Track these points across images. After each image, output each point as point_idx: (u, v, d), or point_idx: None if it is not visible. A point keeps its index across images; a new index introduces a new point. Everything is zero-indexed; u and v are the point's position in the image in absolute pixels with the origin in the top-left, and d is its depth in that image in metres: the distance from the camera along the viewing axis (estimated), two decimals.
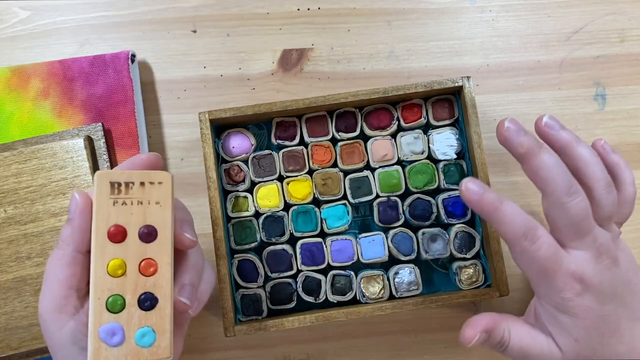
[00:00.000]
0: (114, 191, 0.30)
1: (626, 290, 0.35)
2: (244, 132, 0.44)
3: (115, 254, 0.30)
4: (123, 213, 0.30)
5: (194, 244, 0.32)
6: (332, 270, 0.43)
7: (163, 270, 0.30)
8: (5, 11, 0.49)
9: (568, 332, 0.34)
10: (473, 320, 0.36)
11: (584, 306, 0.34)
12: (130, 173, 0.30)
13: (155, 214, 0.30)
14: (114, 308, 0.30)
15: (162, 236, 0.30)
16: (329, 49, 0.49)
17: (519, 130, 0.33)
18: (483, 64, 0.49)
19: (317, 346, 0.46)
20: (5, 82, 0.46)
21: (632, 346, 0.34)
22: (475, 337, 0.35)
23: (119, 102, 0.46)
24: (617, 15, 0.50)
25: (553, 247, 0.34)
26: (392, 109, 0.44)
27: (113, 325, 0.29)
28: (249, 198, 0.43)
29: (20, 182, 0.44)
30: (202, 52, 0.49)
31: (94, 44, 0.49)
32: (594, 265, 0.34)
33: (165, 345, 0.30)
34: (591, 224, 0.34)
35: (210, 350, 0.46)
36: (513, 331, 0.36)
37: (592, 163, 0.34)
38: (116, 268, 0.30)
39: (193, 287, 0.32)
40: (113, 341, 0.29)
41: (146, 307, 0.30)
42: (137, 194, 0.30)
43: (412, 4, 0.50)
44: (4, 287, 0.43)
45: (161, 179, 0.31)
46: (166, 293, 0.30)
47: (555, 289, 0.34)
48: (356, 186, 0.43)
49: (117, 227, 0.30)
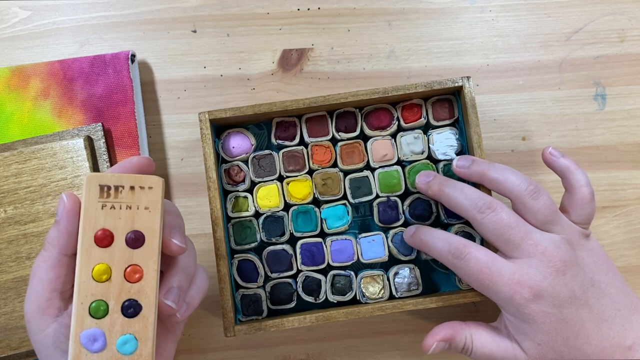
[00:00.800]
0: (103, 194, 0.30)
1: (589, 291, 0.36)
2: (244, 132, 0.44)
3: (101, 258, 0.29)
4: (111, 217, 0.30)
5: (182, 250, 0.32)
6: (332, 270, 0.43)
7: (148, 277, 0.30)
8: (5, 11, 0.49)
9: (530, 338, 0.36)
10: (434, 330, 0.39)
11: (540, 312, 0.35)
12: (120, 177, 0.30)
13: (144, 219, 0.30)
14: (96, 313, 0.29)
15: (150, 242, 0.30)
16: (329, 49, 0.49)
17: (426, 178, 0.40)
18: (483, 64, 0.49)
19: (317, 346, 0.46)
20: (5, 82, 0.46)
21: (600, 347, 0.35)
22: (432, 346, 0.38)
23: (119, 102, 0.46)
24: (617, 15, 0.50)
25: (486, 260, 0.36)
26: (392, 109, 0.44)
27: (95, 331, 0.29)
28: (249, 198, 0.43)
29: (20, 182, 0.44)
30: (202, 52, 0.49)
31: (94, 44, 0.49)
32: (542, 270, 0.35)
33: (147, 354, 0.29)
34: (521, 232, 0.36)
35: (210, 350, 0.46)
36: (475, 338, 0.38)
37: (505, 180, 0.38)
38: (101, 273, 0.29)
39: (180, 290, 0.32)
40: (94, 347, 0.29)
41: (129, 314, 0.29)
42: (126, 198, 0.30)
43: (412, 4, 0.50)
44: (4, 287, 0.43)
45: (152, 184, 0.30)
46: (150, 300, 0.30)
47: (505, 298, 0.35)
48: (356, 186, 0.43)
49: (104, 231, 0.29)
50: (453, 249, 0.37)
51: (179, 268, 0.32)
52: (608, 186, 0.48)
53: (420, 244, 0.40)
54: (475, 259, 0.36)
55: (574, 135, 0.48)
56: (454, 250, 0.37)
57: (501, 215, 0.36)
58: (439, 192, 0.39)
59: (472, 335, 0.38)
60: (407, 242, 0.41)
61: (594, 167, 0.48)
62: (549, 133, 0.48)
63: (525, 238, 0.36)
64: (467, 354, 0.38)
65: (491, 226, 0.36)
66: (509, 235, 0.36)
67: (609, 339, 0.35)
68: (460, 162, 0.40)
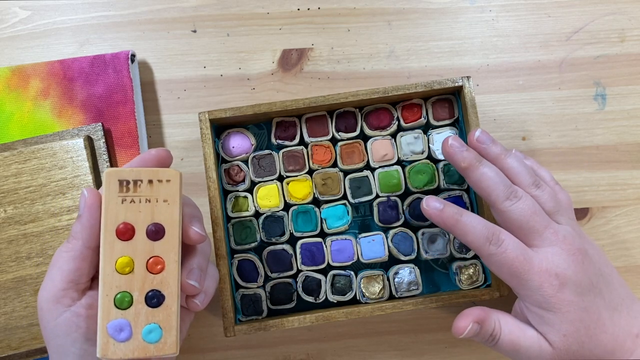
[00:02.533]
0: (122, 189, 0.31)
1: (600, 280, 0.36)
2: (244, 132, 0.44)
3: (123, 251, 0.30)
4: (131, 211, 0.31)
5: (202, 239, 0.33)
6: (332, 270, 0.43)
7: (170, 267, 0.31)
8: (5, 11, 0.49)
9: (556, 329, 0.35)
10: (465, 312, 0.37)
11: (566, 300, 0.34)
12: (138, 171, 0.31)
13: (163, 211, 0.31)
14: (121, 305, 0.30)
15: (170, 234, 0.31)
16: (329, 49, 0.49)
17: (461, 147, 0.38)
18: (483, 64, 0.49)
19: (317, 346, 0.46)
20: (5, 82, 0.46)
21: (614, 336, 0.35)
22: (467, 328, 0.36)
23: (119, 102, 0.46)
24: (617, 15, 0.50)
25: (519, 248, 0.35)
26: (392, 109, 0.44)
27: (121, 322, 0.30)
28: (249, 198, 0.43)
29: (20, 182, 0.44)
30: (202, 52, 0.49)
31: (94, 44, 0.49)
32: (565, 258, 0.35)
33: (171, 342, 0.30)
34: (544, 220, 0.36)
35: (210, 350, 0.46)
36: (503, 323, 0.37)
37: (519, 171, 0.37)
38: (124, 265, 0.30)
39: (201, 270, 0.33)
40: (121, 337, 0.30)
41: (153, 304, 0.30)
42: (145, 192, 0.31)
43: (412, 4, 0.50)
44: (3, 287, 0.43)
45: (169, 177, 0.31)
46: (173, 290, 0.31)
47: (533, 288, 0.35)
48: (356, 186, 0.43)
49: (125, 225, 0.30)
50: (490, 234, 0.35)
51: (197, 252, 0.34)
52: (608, 186, 0.48)
53: (454, 223, 0.36)
54: (512, 245, 0.35)
55: (574, 135, 0.48)
56: (491, 236, 0.35)
57: (528, 203, 0.36)
58: (473, 167, 0.37)
59: (500, 321, 0.37)
60: (430, 215, 0.37)
61: (594, 167, 0.48)
62: (549, 133, 0.48)
63: (547, 226, 0.36)
64: (493, 342, 0.37)
65: (518, 213, 0.35)
66: (534, 222, 0.35)
67: (621, 328, 0.35)
68: (484, 136, 0.39)
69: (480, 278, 0.43)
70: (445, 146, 0.38)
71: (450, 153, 0.38)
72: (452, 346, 0.46)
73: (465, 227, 0.36)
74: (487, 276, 0.43)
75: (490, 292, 0.41)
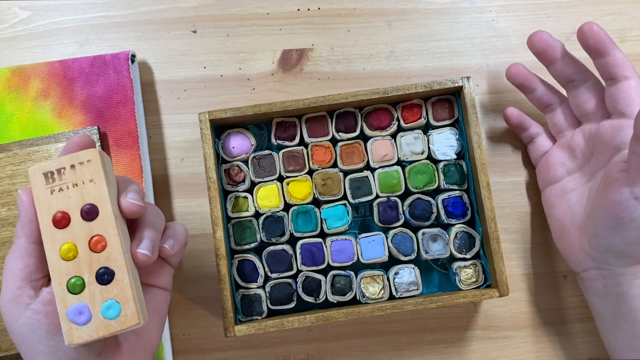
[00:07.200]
0: (48, 181, 0.31)
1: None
2: (244, 132, 0.44)
3: (64, 238, 0.31)
4: (62, 199, 0.31)
5: (135, 207, 0.32)
6: (332, 271, 0.43)
7: (112, 242, 0.31)
8: (5, 11, 0.49)
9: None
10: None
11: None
12: (59, 160, 0.31)
13: (92, 191, 0.31)
14: (74, 289, 0.31)
15: (103, 211, 0.31)
16: (329, 49, 0.49)
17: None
18: (483, 64, 0.49)
19: (317, 346, 0.46)
20: (5, 82, 0.46)
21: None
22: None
23: (119, 103, 0.46)
24: (617, 15, 0.50)
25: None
26: (392, 109, 0.44)
27: (78, 305, 0.31)
28: (249, 198, 0.43)
29: (14, 183, 0.44)
30: (202, 52, 0.49)
31: (94, 44, 0.49)
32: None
33: (132, 313, 0.31)
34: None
35: (210, 350, 0.46)
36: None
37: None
38: (68, 251, 0.31)
39: (151, 239, 0.33)
40: (81, 320, 0.31)
41: (105, 280, 0.31)
42: (70, 178, 0.31)
43: (412, 4, 0.50)
44: None
45: (89, 157, 0.31)
46: (120, 264, 0.31)
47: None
48: (356, 186, 0.43)
49: (60, 213, 0.31)
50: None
51: (145, 224, 0.34)
52: None
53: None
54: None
55: None
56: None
57: None
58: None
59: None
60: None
61: None
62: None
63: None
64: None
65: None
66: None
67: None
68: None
69: (480, 278, 0.43)
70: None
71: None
72: (452, 346, 0.46)
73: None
74: (487, 276, 0.43)
75: (490, 292, 0.41)
